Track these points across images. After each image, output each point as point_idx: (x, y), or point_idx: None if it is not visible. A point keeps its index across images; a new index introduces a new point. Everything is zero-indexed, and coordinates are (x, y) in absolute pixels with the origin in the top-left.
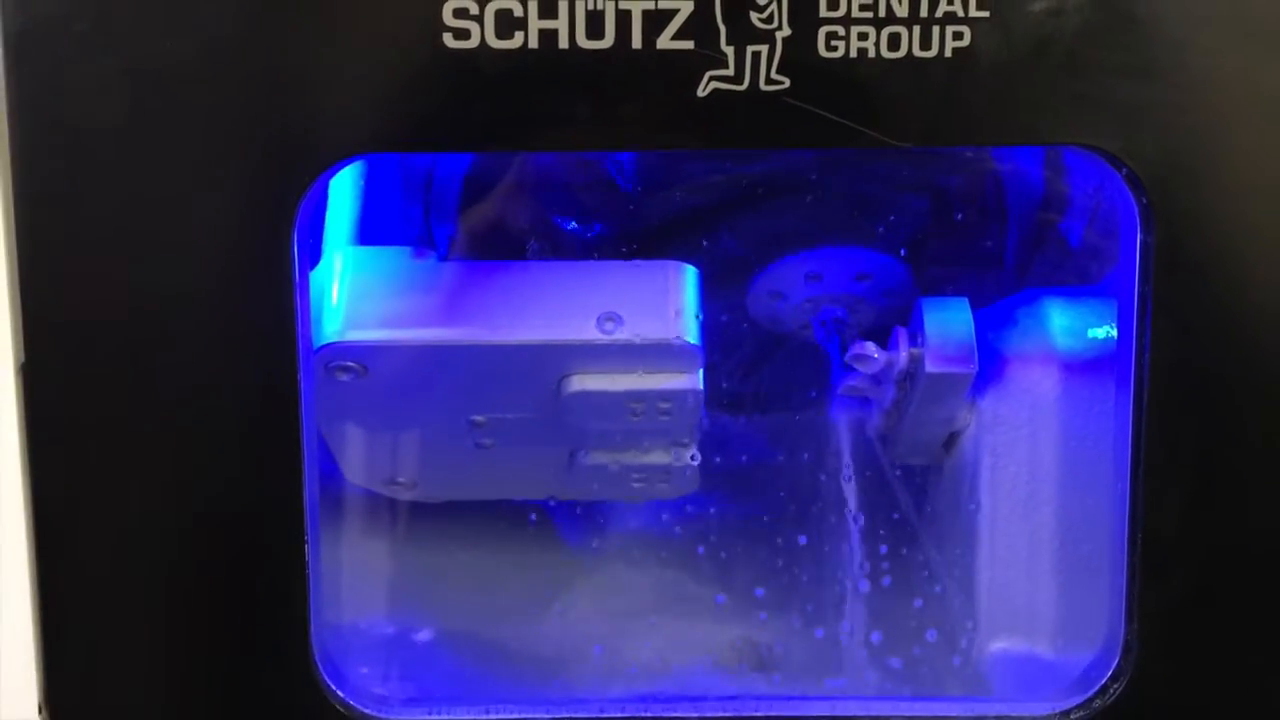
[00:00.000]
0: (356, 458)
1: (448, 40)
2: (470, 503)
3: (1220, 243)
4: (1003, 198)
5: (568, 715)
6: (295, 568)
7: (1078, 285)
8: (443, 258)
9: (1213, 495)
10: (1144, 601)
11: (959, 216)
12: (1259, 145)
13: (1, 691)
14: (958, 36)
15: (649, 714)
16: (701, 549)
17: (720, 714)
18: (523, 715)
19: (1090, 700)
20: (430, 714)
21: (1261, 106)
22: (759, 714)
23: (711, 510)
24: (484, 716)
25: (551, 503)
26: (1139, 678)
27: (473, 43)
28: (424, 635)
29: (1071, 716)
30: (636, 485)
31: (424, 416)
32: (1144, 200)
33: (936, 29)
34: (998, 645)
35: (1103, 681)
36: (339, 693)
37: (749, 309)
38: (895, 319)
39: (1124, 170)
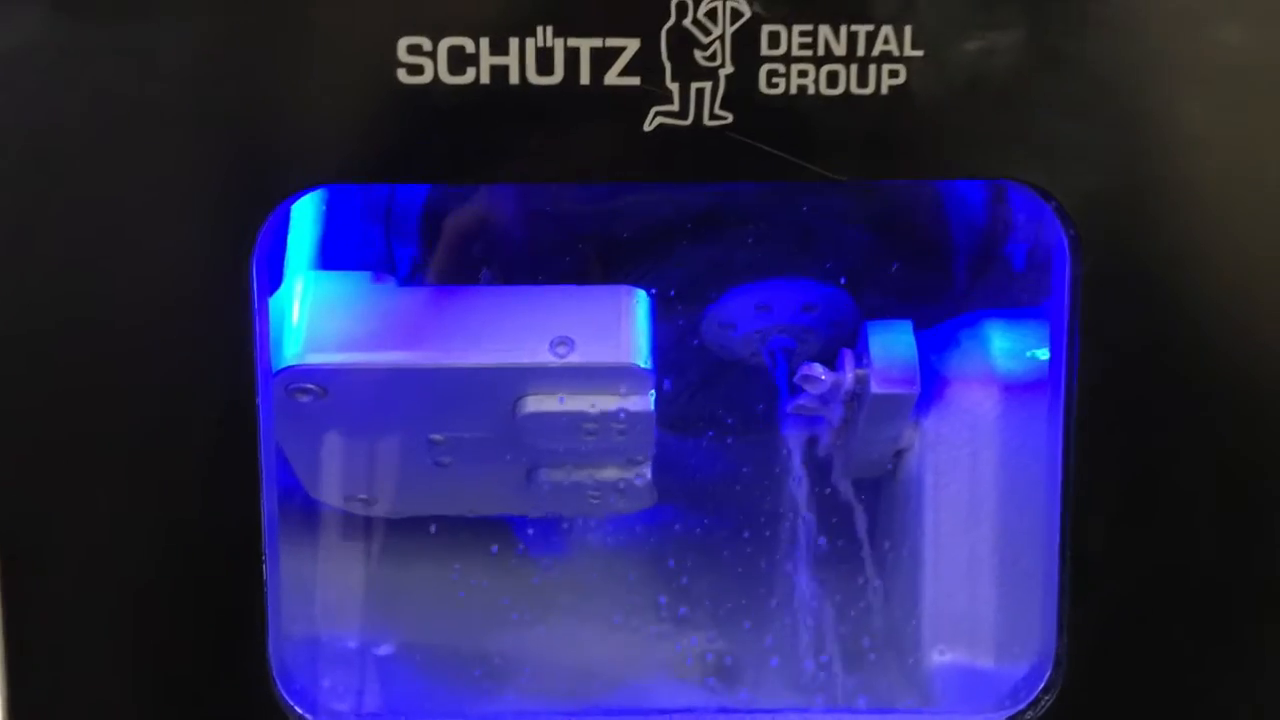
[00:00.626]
0: (318, 475)
1: (401, 75)
2: (431, 518)
3: (1144, 271)
4: (946, 225)
5: None
6: (253, 585)
7: (1019, 308)
8: (403, 279)
9: (1138, 514)
10: (1073, 616)
11: (904, 244)
12: (1179, 179)
13: None
14: (893, 74)
15: None
16: (658, 563)
17: None
18: None
19: (1022, 712)
20: None
21: (1181, 143)
22: None
23: (668, 525)
24: None
25: (511, 517)
26: (1068, 690)
27: (426, 78)
28: (385, 649)
29: None
30: (593, 501)
31: (384, 436)
32: (1072, 231)
33: (873, 67)
34: (942, 657)
35: (1035, 694)
36: (296, 709)
37: (703, 337)
38: (842, 345)
39: (1053, 203)
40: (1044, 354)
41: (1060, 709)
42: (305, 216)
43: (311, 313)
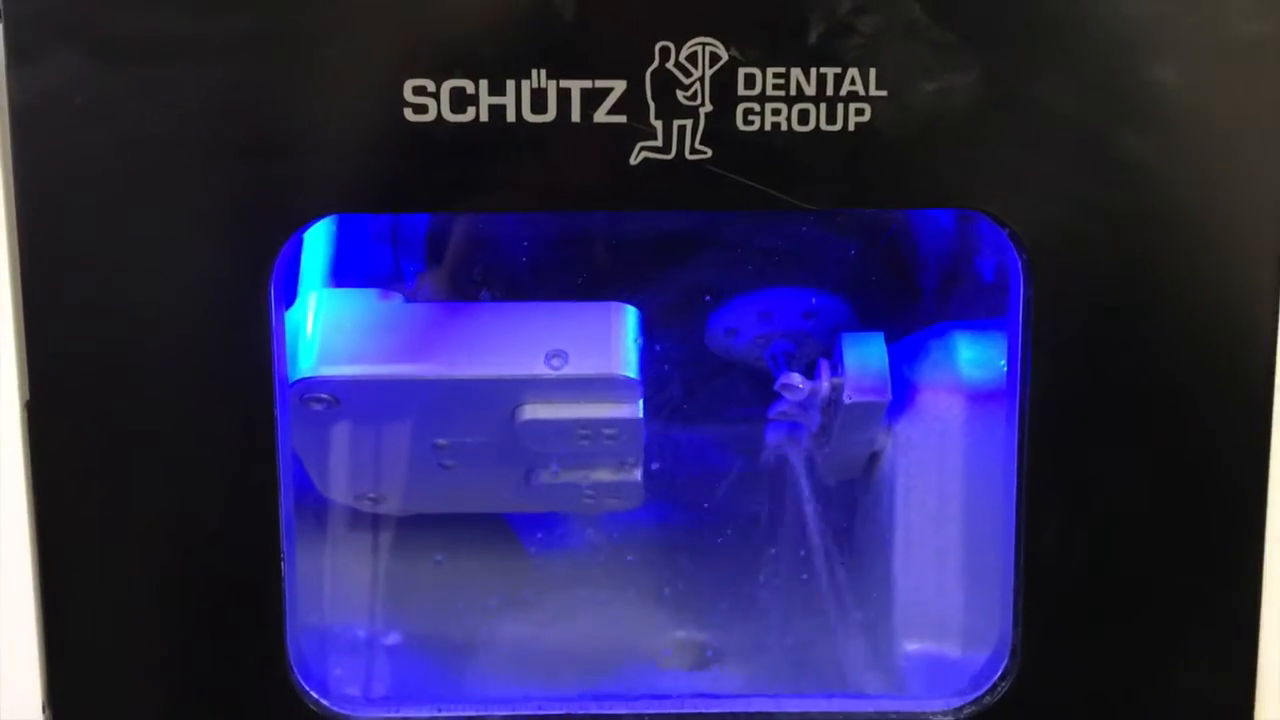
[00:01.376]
0: (330, 476)
1: (408, 114)
2: (435, 516)
3: (1090, 292)
4: (917, 245)
5: (515, 712)
6: (272, 578)
7: (986, 320)
8: (410, 295)
9: (1086, 514)
10: (1027, 608)
11: (878, 262)
12: (1121, 207)
13: (6, 696)
14: (860, 112)
15: (593, 711)
16: (648, 557)
17: (653, 710)
18: (477, 713)
19: (981, 698)
20: (393, 713)
21: (1123, 172)
22: (688, 711)
23: (658, 521)
24: (439, 714)
25: (510, 515)
26: (1022, 678)
27: (430, 116)
28: (392, 638)
29: (964, 712)
30: (588, 500)
31: (391, 440)
32: (1024, 255)
33: (841, 105)
34: (911, 646)
35: (993, 680)
36: (311, 693)
37: (707, 344)
38: (823, 353)
39: (1007, 230)
40: (1006, 364)
41: (1015, 694)
42: (318, 237)
43: (324, 327)
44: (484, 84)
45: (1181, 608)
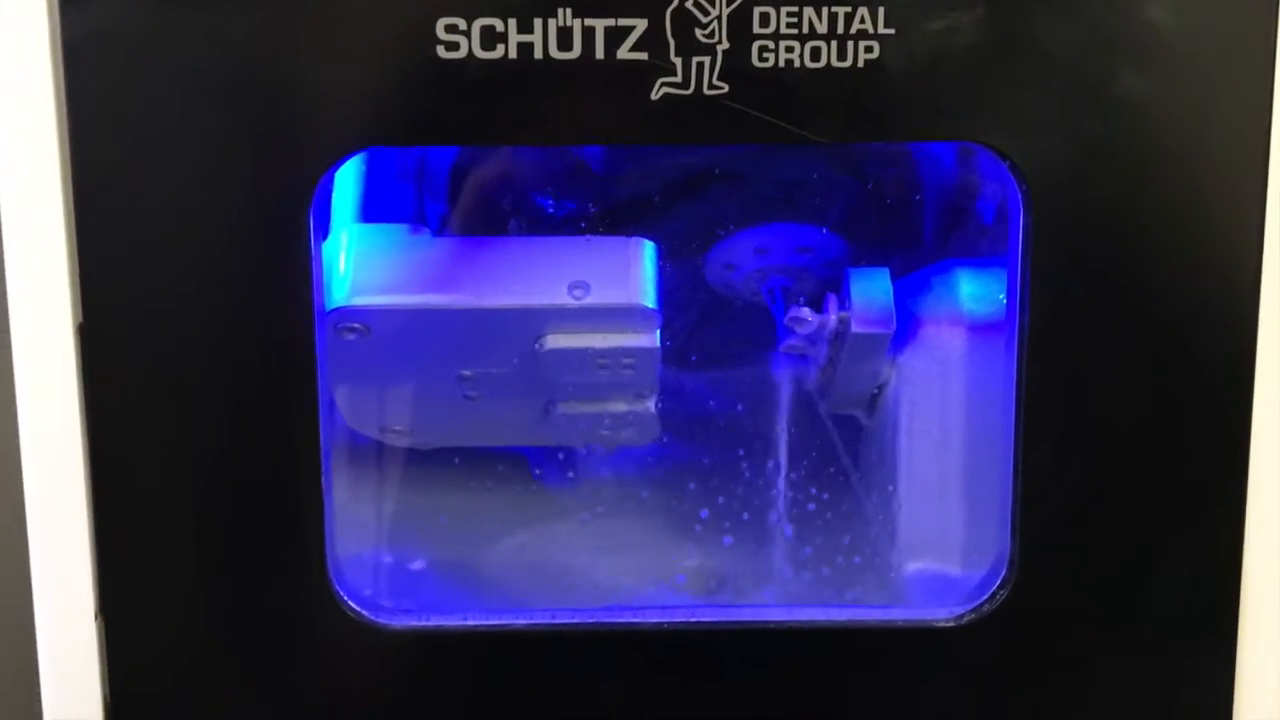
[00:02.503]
0: (359, 408)
1: (440, 51)
2: (457, 450)
3: (1086, 223)
4: (922, 183)
5: (534, 622)
6: (312, 495)
7: (988, 257)
8: (435, 234)
9: (1079, 432)
10: (1024, 522)
11: (886, 199)
12: (1118, 142)
13: (61, 603)
14: (868, 49)
15: (603, 620)
16: (661, 487)
17: (665, 620)
18: (500, 622)
19: (980, 606)
20: (423, 621)
21: (1119, 107)
22: (698, 620)
23: (671, 454)
24: (464, 622)
25: (528, 450)
26: (1019, 586)
27: (461, 54)
28: (417, 564)
29: (965, 619)
30: (605, 432)
31: (419, 371)
32: (1024, 186)
33: (851, 43)
34: (914, 565)
35: (991, 590)
36: (349, 601)
37: (706, 279)
38: (832, 286)
39: (1008, 162)
40: (1005, 298)
41: (1012, 602)
42: (347, 177)
43: (356, 260)
44: (513, 22)
45: (1169, 520)
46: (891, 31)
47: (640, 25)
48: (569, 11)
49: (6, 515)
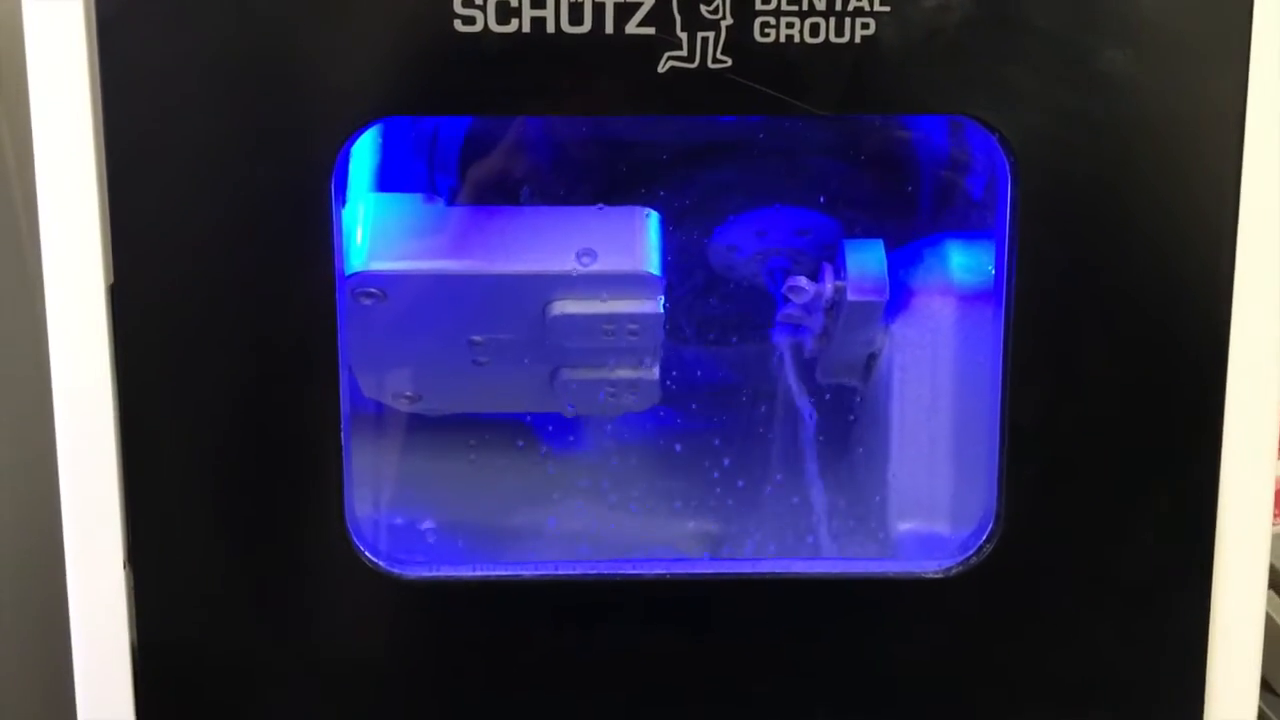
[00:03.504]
0: (374, 374)
1: (458, 25)
2: (466, 417)
3: (1070, 191)
4: (916, 161)
5: (540, 573)
6: (333, 450)
7: (977, 230)
8: (447, 204)
9: (1062, 395)
10: (1008, 481)
11: (881, 175)
12: (1101, 114)
13: (91, 553)
14: (865, 26)
15: (605, 571)
16: (663, 450)
17: (667, 572)
18: (509, 572)
19: (968, 559)
20: (435, 571)
21: (1103, 82)
22: (700, 572)
23: (672, 420)
24: (474, 573)
25: (534, 417)
26: (1003, 540)
27: (478, 27)
28: (427, 524)
29: (953, 571)
30: (609, 399)
31: (431, 336)
32: (1011, 158)
33: (848, 20)
34: (906, 525)
35: (979, 544)
36: (366, 553)
37: (710, 260)
38: (828, 258)
39: (996, 134)
40: (993, 268)
41: (998, 554)
42: (364, 148)
43: (373, 228)
44: None
45: (1147, 478)
46: (887, 9)
47: (648, 1)
48: None
49: (40, 470)
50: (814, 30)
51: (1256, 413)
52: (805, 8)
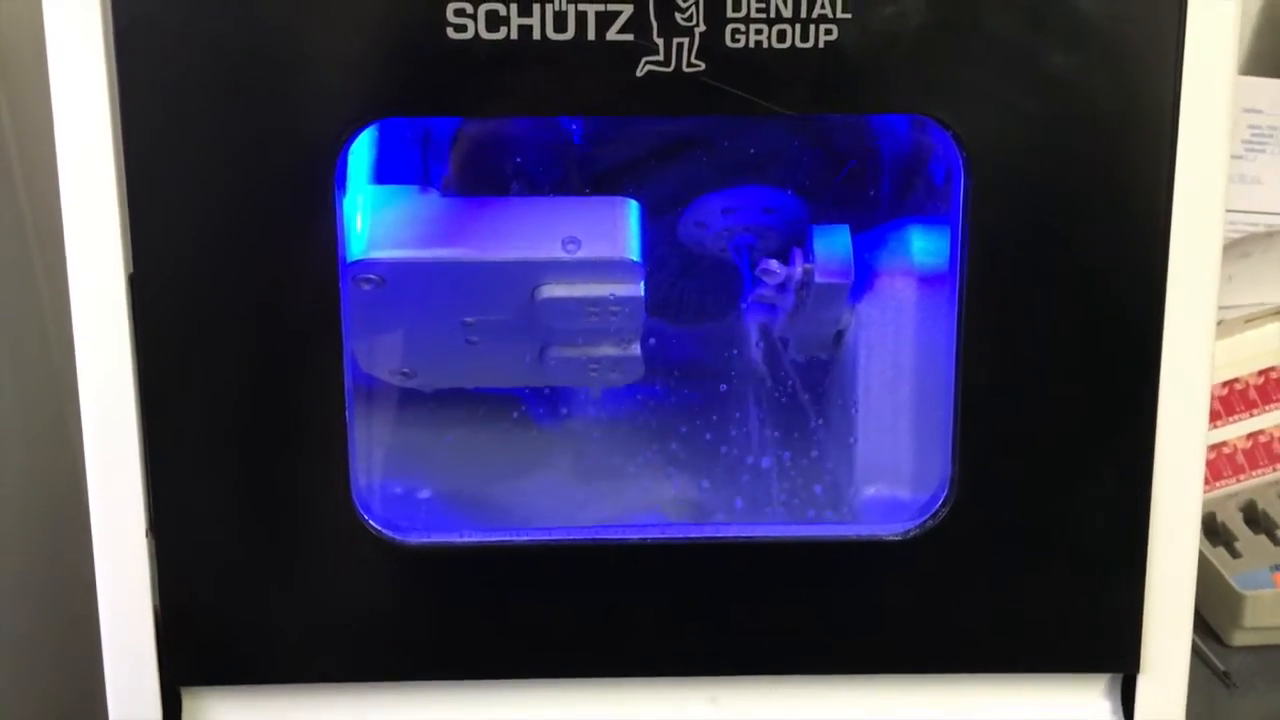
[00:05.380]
0: (373, 353)
1: (450, 32)
2: (459, 391)
3: (1019, 185)
4: (880, 151)
5: (533, 538)
6: (338, 424)
7: (937, 216)
8: (441, 195)
9: (1011, 369)
10: (962, 449)
11: (847, 166)
12: (1047, 113)
13: (114, 520)
14: (828, 32)
15: (589, 537)
16: (643, 424)
17: (645, 537)
18: (503, 538)
19: (924, 523)
20: (432, 537)
21: (1048, 83)
22: (675, 536)
23: (653, 395)
24: (469, 539)
25: (523, 391)
26: (957, 505)
27: (469, 35)
28: (424, 493)
29: (911, 533)
30: (593, 374)
31: (426, 318)
32: (965, 153)
33: (813, 26)
34: (870, 490)
35: (935, 509)
36: (370, 520)
37: (679, 236)
38: (798, 242)
39: (951, 132)
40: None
41: (952, 518)
42: (363, 144)
43: (372, 218)
44: (514, 7)
45: (1090, 447)
46: (849, 16)
47: (627, 10)
48: None
49: (67, 446)
50: (781, 36)
51: (1189, 385)
52: (773, 15)
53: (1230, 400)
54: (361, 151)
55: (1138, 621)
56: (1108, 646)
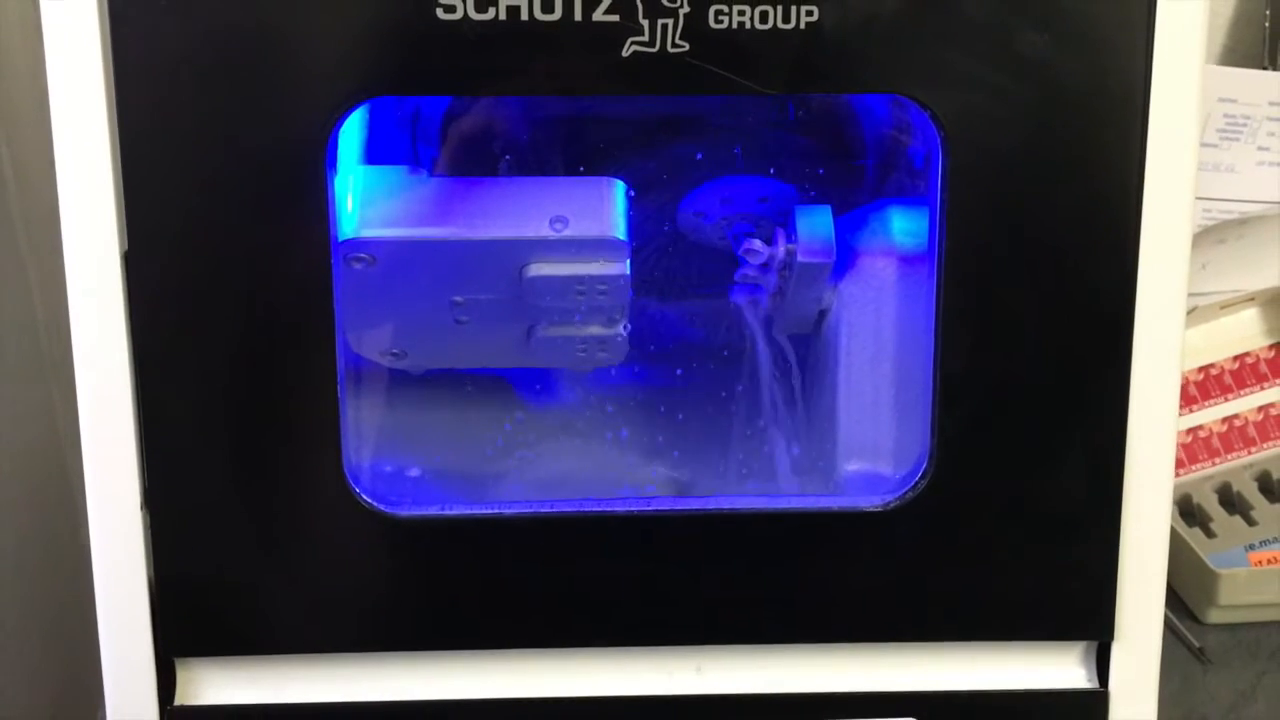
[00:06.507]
0: (363, 334)
1: (439, 13)
2: (449, 373)
3: (995, 164)
4: (862, 135)
5: (524, 511)
6: (330, 401)
7: (917, 198)
8: (430, 175)
9: (987, 346)
10: (940, 424)
11: (831, 149)
12: (1022, 94)
13: (110, 495)
14: (809, 13)
15: (579, 510)
16: (630, 402)
17: (631, 510)
18: (493, 510)
19: (904, 494)
20: (423, 510)
21: (1023, 63)
22: (662, 510)
23: (640, 374)
24: (460, 512)
25: (511, 373)
26: (936, 477)
27: (458, 15)
28: (414, 471)
29: (891, 505)
30: (580, 354)
31: (417, 298)
32: (942, 132)
33: (794, 7)
34: (852, 466)
35: (914, 481)
36: (363, 495)
37: (678, 224)
38: (782, 223)
39: (928, 112)
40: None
41: (930, 490)
42: (353, 125)
43: (363, 198)
44: None
45: (1064, 421)
46: None
47: None
48: None
49: (63, 421)
50: (763, 17)
51: (1161, 361)
52: None
53: (1206, 385)
54: (352, 133)
55: (1112, 590)
56: (1082, 615)
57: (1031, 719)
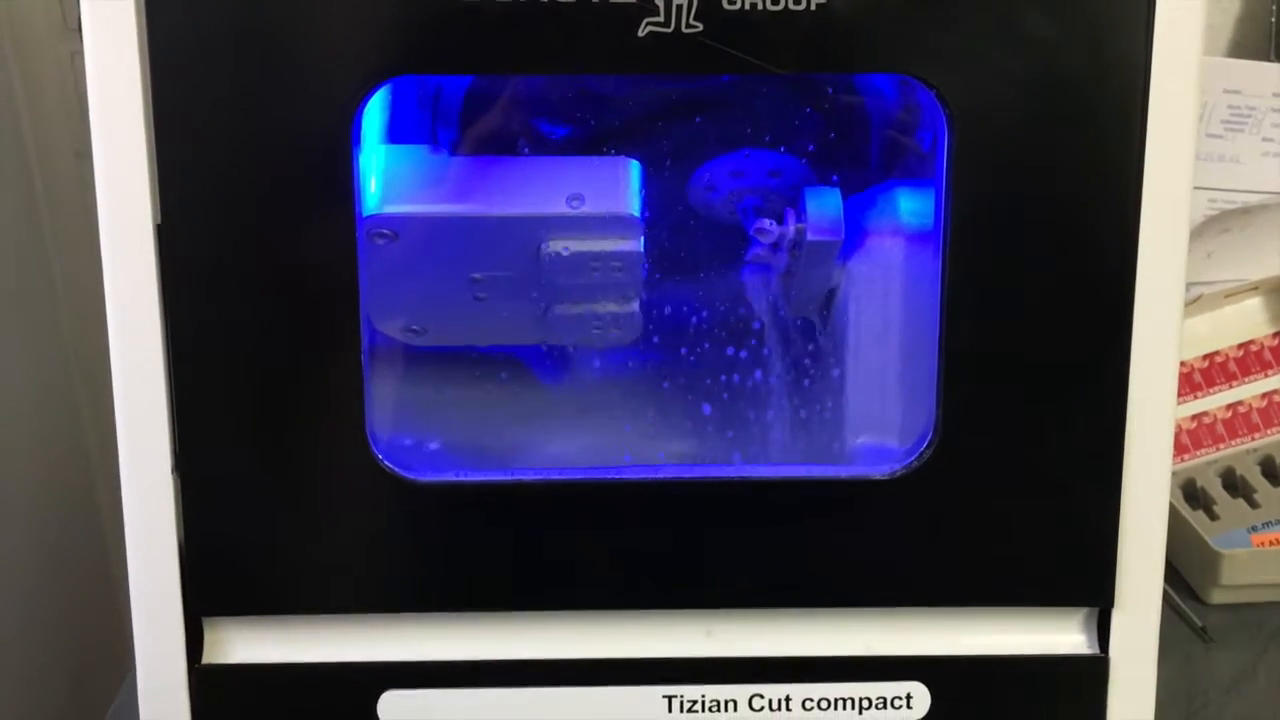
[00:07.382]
0: (385, 310)
1: None
2: (466, 350)
3: (999, 143)
4: (869, 118)
5: (541, 477)
6: (355, 371)
7: (924, 179)
8: (450, 154)
9: (991, 320)
10: (945, 395)
11: (841, 131)
12: (1028, 75)
13: (142, 460)
14: None
15: (595, 476)
16: (645, 378)
17: (648, 476)
18: (512, 476)
19: (910, 463)
20: (444, 476)
21: (1027, 44)
22: (678, 477)
23: (653, 352)
24: (480, 478)
25: (527, 351)
26: (941, 446)
27: None
28: (434, 445)
29: (897, 474)
30: (595, 331)
31: (437, 274)
32: (948, 112)
33: None
34: (860, 439)
35: (920, 451)
36: (386, 461)
37: (689, 199)
38: (792, 203)
39: (935, 91)
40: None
41: (935, 460)
42: (376, 106)
43: (385, 175)
44: None
45: (1066, 392)
46: None
47: None
48: None
49: (97, 389)
50: None
51: (1161, 334)
52: None
53: (1211, 373)
54: (374, 113)
55: (1112, 558)
56: (1084, 581)
57: (1034, 683)
